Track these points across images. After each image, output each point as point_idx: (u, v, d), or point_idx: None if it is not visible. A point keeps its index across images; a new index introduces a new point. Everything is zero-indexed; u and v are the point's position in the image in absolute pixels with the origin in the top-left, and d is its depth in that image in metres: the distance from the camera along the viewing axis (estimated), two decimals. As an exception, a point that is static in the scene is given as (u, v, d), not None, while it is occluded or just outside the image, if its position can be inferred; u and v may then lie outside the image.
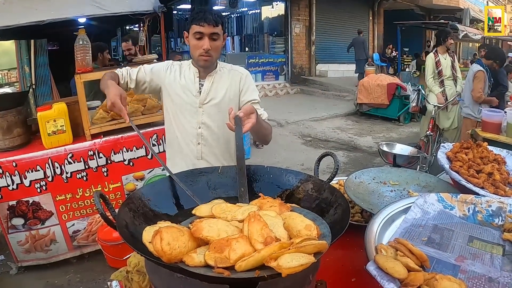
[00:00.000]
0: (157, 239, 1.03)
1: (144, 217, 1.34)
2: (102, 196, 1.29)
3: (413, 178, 2.21)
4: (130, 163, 4.16)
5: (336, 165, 1.61)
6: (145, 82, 2.45)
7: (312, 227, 1.18)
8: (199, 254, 1.05)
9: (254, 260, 0.99)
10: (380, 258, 1.17)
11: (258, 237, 1.07)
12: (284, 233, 1.15)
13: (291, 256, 0.97)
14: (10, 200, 3.80)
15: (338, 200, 1.39)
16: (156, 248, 1.02)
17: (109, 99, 2.04)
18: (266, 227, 1.10)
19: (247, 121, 1.83)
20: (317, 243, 1.04)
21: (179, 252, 1.04)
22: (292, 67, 16.15)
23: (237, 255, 1.02)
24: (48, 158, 3.82)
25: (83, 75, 3.78)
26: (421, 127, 7.64)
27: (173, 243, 1.03)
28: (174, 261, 1.04)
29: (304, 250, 1.01)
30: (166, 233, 1.04)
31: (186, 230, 1.14)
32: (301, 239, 1.05)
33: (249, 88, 2.49)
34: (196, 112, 2.41)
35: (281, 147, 8.62)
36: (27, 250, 4.04)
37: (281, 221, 1.20)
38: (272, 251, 1.00)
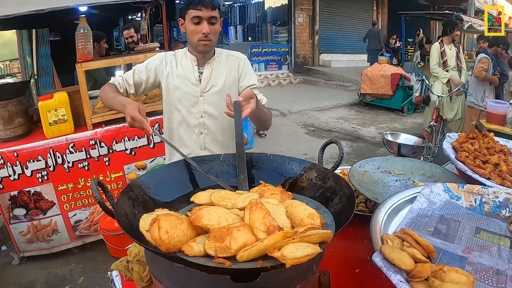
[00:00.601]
0: (155, 227, 1.00)
1: (144, 206, 1.31)
2: (100, 184, 1.25)
3: (418, 168, 2.18)
4: (132, 152, 4.14)
5: (341, 153, 1.58)
6: (142, 82, 2.38)
7: (315, 215, 1.14)
8: (198, 243, 1.01)
9: (257, 250, 0.96)
10: (386, 248, 1.13)
11: (260, 225, 1.03)
12: (287, 222, 1.12)
13: (296, 246, 0.94)
14: (12, 190, 3.79)
15: (343, 189, 1.36)
16: (154, 237, 0.98)
17: (128, 115, 1.91)
18: (269, 215, 1.06)
19: (246, 106, 1.79)
20: (322, 232, 1.00)
21: (178, 241, 1.00)
22: (295, 57, 16.00)
23: (239, 245, 0.98)
24: (50, 148, 3.80)
25: (84, 64, 3.76)
26: (425, 117, 7.60)
27: (171, 232, 0.99)
28: (173, 251, 1.00)
29: (309, 240, 0.97)
30: (165, 221, 1.01)
31: (185, 218, 1.10)
32: (305, 228, 1.01)
33: (247, 73, 2.44)
34: (197, 102, 2.35)
35: (284, 137, 8.58)
36: (29, 241, 4.04)
37: (283, 209, 1.17)
38: (275, 241, 0.96)
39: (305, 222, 1.12)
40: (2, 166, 3.67)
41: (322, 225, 1.15)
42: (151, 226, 1.02)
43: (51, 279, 3.90)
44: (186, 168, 1.59)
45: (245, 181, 1.46)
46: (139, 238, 1.07)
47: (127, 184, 1.38)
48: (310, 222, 1.10)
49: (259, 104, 1.99)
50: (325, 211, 1.25)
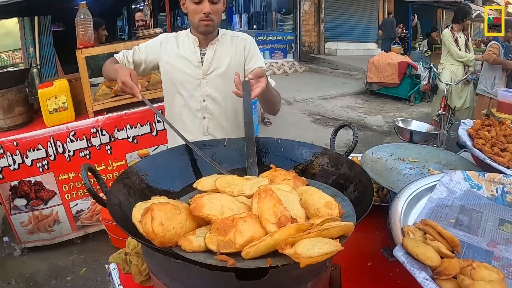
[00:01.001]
0: (147, 218, 0.88)
1: (141, 194, 1.20)
2: (91, 170, 1.15)
3: (433, 155, 2.09)
4: (134, 140, 4.05)
5: (355, 137, 1.47)
6: (142, 62, 2.31)
7: (333, 204, 1.02)
8: (198, 237, 0.90)
9: (266, 245, 0.84)
10: (409, 242, 1.02)
11: (270, 216, 0.91)
12: (301, 212, 0.99)
13: (312, 242, 0.81)
14: (12, 180, 3.73)
15: (358, 176, 1.25)
16: (146, 229, 0.88)
17: (119, 79, 1.94)
18: (280, 204, 0.93)
19: (256, 85, 1.69)
20: (343, 225, 0.88)
21: (174, 233, 0.89)
22: (301, 45, 15.85)
23: (244, 239, 0.86)
24: (50, 137, 3.73)
25: (84, 50, 3.65)
26: (433, 106, 7.49)
27: (166, 223, 0.88)
28: (168, 245, 0.89)
29: (327, 234, 0.85)
30: (159, 211, 0.89)
31: (184, 207, 0.98)
32: (322, 219, 0.89)
33: (254, 55, 2.32)
34: (199, 84, 2.25)
35: (290, 125, 8.48)
36: (30, 231, 3.99)
37: (297, 197, 1.04)
38: (287, 235, 0.84)
39: (322, 212, 1.00)
40: (2, 155, 3.60)
41: (341, 215, 1.03)
42: (143, 216, 0.91)
43: (52, 270, 3.86)
44: (187, 154, 1.48)
45: (255, 165, 1.35)
46: (133, 230, 0.97)
47: (123, 171, 1.26)
48: (327, 212, 0.98)
49: (269, 85, 1.89)
50: (344, 199, 1.14)
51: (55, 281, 3.71)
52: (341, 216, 1.03)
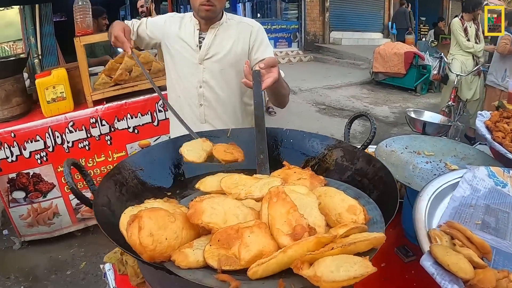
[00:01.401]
0: (134, 227, 0.75)
1: (134, 192, 1.08)
2: (76, 165, 1.02)
3: (450, 148, 1.97)
4: (135, 130, 3.94)
5: (373, 129, 1.34)
6: (146, 36, 2.25)
7: (357, 209, 0.88)
8: (196, 250, 0.77)
9: (277, 263, 0.70)
10: (439, 250, 0.90)
11: (283, 225, 0.77)
12: (321, 219, 0.84)
13: (336, 261, 0.67)
14: (10, 172, 3.65)
15: (379, 172, 1.11)
16: (132, 241, 0.74)
17: (112, 34, 2.01)
18: (295, 210, 0.79)
19: (267, 75, 1.55)
20: (373, 237, 0.73)
21: (167, 246, 0.76)
22: (306, 34, 15.68)
23: (251, 254, 0.73)
24: (48, 127, 3.64)
25: (82, 37, 3.54)
26: (442, 97, 7.37)
27: (157, 234, 0.75)
28: (160, 260, 0.76)
29: (354, 249, 0.71)
30: (149, 219, 0.76)
31: (180, 214, 0.84)
32: (345, 228, 0.75)
33: (262, 44, 2.19)
34: (196, 69, 2.15)
35: (295, 115, 8.34)
36: (29, 224, 3.92)
37: (315, 200, 0.89)
38: (304, 250, 0.70)
39: (345, 218, 0.86)
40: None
41: (367, 222, 0.89)
42: (129, 225, 0.77)
43: (52, 264, 3.80)
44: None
45: (266, 162, 1.21)
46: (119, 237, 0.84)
47: (114, 166, 1.13)
48: (351, 219, 0.84)
49: (280, 76, 1.76)
50: (369, 202, 0.99)
51: (54, 275, 3.65)
52: (367, 222, 0.90)
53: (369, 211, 0.95)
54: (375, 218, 0.94)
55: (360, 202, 0.96)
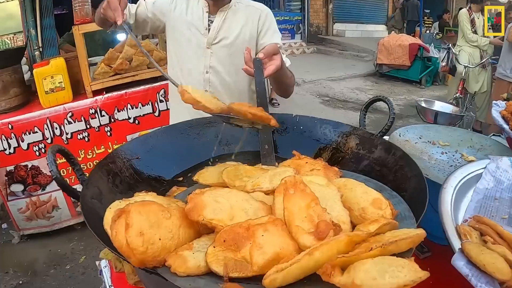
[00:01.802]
0: (120, 225, 0.62)
1: (129, 184, 0.97)
2: (62, 152, 0.91)
3: (465, 138, 1.88)
4: (136, 121, 3.86)
5: (392, 114, 1.23)
6: (146, 18, 2.10)
7: (382, 202, 0.77)
8: (196, 252, 0.64)
9: (301, 269, 0.57)
10: (473, 248, 0.79)
11: (303, 222, 0.64)
12: (345, 214, 0.72)
13: (379, 265, 0.54)
14: (8, 165, 3.58)
15: (400, 162, 1.00)
16: (118, 242, 0.62)
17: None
18: (317, 203, 0.66)
19: (270, 63, 1.46)
20: (415, 234, 0.61)
21: (161, 248, 0.63)
22: (309, 26, 15.50)
23: (266, 258, 0.60)
24: (46, 118, 3.55)
25: (81, 26, 3.44)
26: (449, 89, 7.26)
27: (149, 233, 0.62)
28: (152, 264, 0.64)
29: (395, 249, 0.59)
30: (138, 214, 0.63)
31: (176, 209, 0.71)
32: (377, 225, 0.63)
33: (269, 29, 2.10)
34: (203, 54, 2.05)
35: (298, 107, 8.24)
36: (28, 218, 3.85)
37: (337, 192, 0.76)
38: (335, 252, 0.57)
39: (370, 213, 0.75)
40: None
41: (394, 217, 0.78)
42: (114, 222, 0.65)
43: (51, 258, 3.74)
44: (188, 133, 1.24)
45: (271, 153, 1.10)
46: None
47: (107, 154, 1.02)
48: (377, 213, 0.73)
49: (283, 64, 1.66)
50: (393, 195, 0.88)
51: (53, 270, 3.58)
52: (395, 218, 0.79)
53: (394, 205, 0.84)
54: (403, 212, 0.83)
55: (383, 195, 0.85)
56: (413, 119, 7.48)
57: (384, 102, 1.28)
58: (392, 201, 0.85)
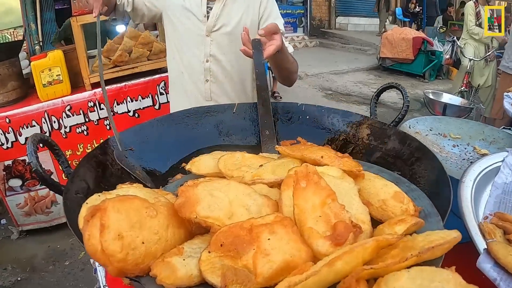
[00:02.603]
0: (94, 226, 0.52)
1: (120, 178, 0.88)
2: (45, 142, 0.83)
3: (477, 131, 1.81)
4: (135, 114, 3.80)
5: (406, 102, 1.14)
6: (143, 6, 2.03)
7: (404, 197, 0.68)
8: (188, 259, 0.53)
9: (319, 282, 0.46)
10: (500, 249, 0.71)
11: (318, 222, 0.53)
12: (365, 212, 0.62)
13: (417, 279, 0.43)
14: (5, 160, 3.53)
15: (416, 153, 0.91)
16: (91, 247, 0.53)
17: None
18: (334, 199, 0.55)
19: (269, 43, 1.39)
20: (452, 238, 0.52)
21: (144, 254, 0.52)
22: (311, 19, 15.48)
23: (274, 267, 0.49)
24: (44, 112, 3.49)
25: (80, 17, 3.37)
26: (454, 82, 7.15)
27: (130, 236, 0.51)
28: (133, 273, 0.53)
29: (430, 257, 0.49)
30: (117, 212, 0.51)
31: (164, 205, 0.60)
32: (405, 225, 0.54)
33: (271, 14, 2.03)
34: (202, 42, 1.98)
35: (301, 100, 7.93)
36: (27, 213, 3.80)
37: (354, 186, 0.66)
38: (360, 262, 0.47)
39: (391, 206, 0.66)
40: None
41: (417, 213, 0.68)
42: (86, 223, 0.54)
43: (50, 254, 3.69)
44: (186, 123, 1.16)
45: (273, 139, 1.01)
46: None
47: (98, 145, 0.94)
48: (400, 207, 0.64)
49: (284, 47, 1.58)
50: (411, 188, 0.78)
51: (52, 266, 3.54)
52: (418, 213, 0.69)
53: (415, 200, 0.75)
54: (426, 209, 0.73)
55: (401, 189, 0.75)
56: (417, 113, 7.40)
57: (397, 89, 1.20)
58: (412, 194, 0.77)
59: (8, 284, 3.32)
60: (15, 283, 3.34)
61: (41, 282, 3.35)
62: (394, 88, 1.21)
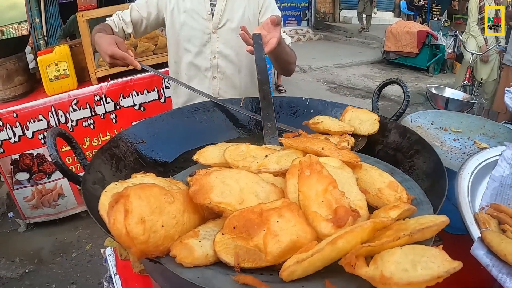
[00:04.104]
0: (118, 212, 0.56)
1: (133, 169, 0.93)
2: (63, 136, 0.87)
3: (478, 125, 1.82)
4: (141, 108, 3.83)
5: (406, 97, 1.18)
6: (143, 20, 2.03)
7: (398, 186, 0.73)
8: (203, 240, 0.59)
9: (323, 259, 0.52)
10: (493, 237, 0.75)
11: (321, 207, 0.59)
12: (362, 199, 0.68)
13: (409, 255, 0.50)
14: (13, 153, 3.58)
15: (415, 145, 0.96)
16: (117, 230, 0.56)
17: (106, 53, 1.63)
18: (335, 187, 0.61)
19: (270, 35, 1.44)
20: (440, 222, 0.57)
21: (164, 236, 0.57)
22: (315, 12, 15.47)
23: (282, 246, 0.55)
24: (51, 106, 3.53)
25: (85, 12, 3.40)
26: (457, 77, 7.13)
27: (151, 220, 0.56)
28: (154, 254, 0.59)
29: (420, 238, 0.55)
30: (138, 199, 0.56)
31: (180, 193, 0.65)
32: (399, 210, 0.59)
33: (269, 6, 2.06)
34: (209, 40, 2.00)
35: (305, 94, 8.10)
36: (34, 206, 3.85)
37: (352, 175, 0.72)
38: (358, 241, 0.53)
39: (386, 194, 0.72)
40: (1, 128, 3.44)
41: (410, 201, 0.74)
42: (111, 208, 0.58)
43: (58, 246, 3.75)
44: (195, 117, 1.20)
45: (274, 131, 1.05)
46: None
47: (111, 138, 0.99)
48: (394, 195, 0.69)
49: (282, 40, 1.62)
50: (405, 178, 0.84)
51: (60, 258, 3.59)
52: (411, 202, 0.75)
53: (408, 189, 0.80)
54: (419, 197, 0.79)
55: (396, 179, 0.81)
56: (421, 106, 7.41)
57: (398, 85, 1.23)
58: (406, 184, 0.82)
59: (16, 276, 3.38)
60: (23, 275, 3.39)
61: (49, 274, 3.39)
62: (395, 83, 1.25)
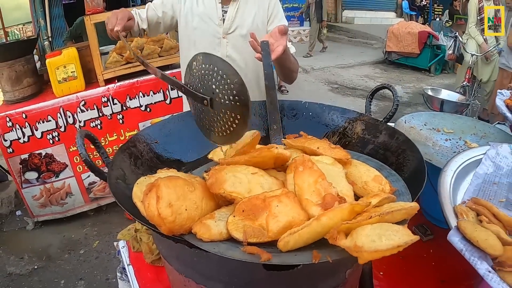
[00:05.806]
0: (151, 198, 0.69)
1: (149, 165, 1.04)
2: (89, 137, 0.98)
3: (469, 126, 1.92)
4: (147, 108, 3.92)
5: (396, 101, 1.28)
6: (158, 18, 2.13)
7: (382, 179, 0.85)
8: (218, 221, 0.72)
9: (310, 233, 0.65)
10: (467, 225, 0.85)
11: (312, 195, 0.72)
12: (349, 189, 0.80)
13: (377, 230, 0.62)
14: (22, 153, 3.66)
15: (402, 145, 1.06)
16: (150, 213, 0.69)
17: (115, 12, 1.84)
18: (323, 179, 0.74)
19: (277, 43, 1.52)
20: (409, 207, 0.69)
21: (187, 217, 0.70)
22: (318, 13, 15.38)
23: (281, 225, 0.68)
24: (60, 107, 3.62)
25: (93, 16, 3.48)
26: (457, 77, 7.18)
27: (177, 204, 0.69)
28: (179, 232, 0.71)
29: (390, 219, 0.66)
30: (167, 188, 0.70)
31: (199, 183, 0.79)
32: (378, 198, 0.71)
33: (277, 15, 2.15)
34: (219, 44, 2.10)
35: (307, 94, 8.28)
36: (42, 205, 3.94)
37: (341, 170, 0.85)
38: (339, 219, 0.65)
39: (371, 187, 0.83)
40: (11, 128, 3.52)
41: (392, 193, 0.85)
42: (146, 195, 0.72)
43: (65, 244, 3.83)
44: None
45: (279, 132, 1.16)
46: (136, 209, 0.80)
47: (129, 139, 1.09)
48: (378, 187, 0.81)
49: (287, 49, 1.70)
50: (391, 173, 0.96)
51: (67, 254, 3.67)
52: (393, 193, 0.86)
53: (392, 182, 0.92)
54: (400, 189, 0.90)
55: (382, 174, 0.93)
56: (421, 106, 7.47)
57: (389, 90, 1.33)
58: (391, 178, 0.93)
59: (25, 272, 3.46)
60: (32, 271, 3.47)
61: (57, 270, 3.47)
62: (387, 88, 1.35)
